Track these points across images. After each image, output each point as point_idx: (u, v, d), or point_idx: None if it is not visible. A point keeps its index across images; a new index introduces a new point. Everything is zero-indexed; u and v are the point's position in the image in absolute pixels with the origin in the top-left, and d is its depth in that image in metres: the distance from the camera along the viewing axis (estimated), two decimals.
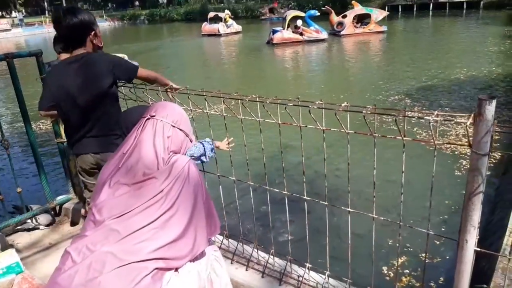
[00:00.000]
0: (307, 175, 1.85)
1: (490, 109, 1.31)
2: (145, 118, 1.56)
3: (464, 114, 1.39)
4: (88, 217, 1.38)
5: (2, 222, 2.77)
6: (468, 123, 1.32)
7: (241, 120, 1.98)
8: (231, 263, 2.31)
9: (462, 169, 4.91)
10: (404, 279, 3.13)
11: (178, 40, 26.45)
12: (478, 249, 1.50)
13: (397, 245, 1.78)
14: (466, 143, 1.41)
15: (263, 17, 36.78)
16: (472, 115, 1.35)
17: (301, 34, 19.36)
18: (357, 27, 20.50)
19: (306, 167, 1.87)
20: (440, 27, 23.76)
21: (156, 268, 1.29)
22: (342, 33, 20.10)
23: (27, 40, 34.85)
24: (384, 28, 20.69)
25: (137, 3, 55.75)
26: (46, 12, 54.58)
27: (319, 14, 20.10)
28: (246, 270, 2.25)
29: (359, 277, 2.12)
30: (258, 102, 1.85)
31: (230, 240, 2.46)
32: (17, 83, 2.71)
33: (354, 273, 1.96)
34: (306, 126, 1.77)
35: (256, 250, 2.32)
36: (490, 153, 1.38)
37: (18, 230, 2.93)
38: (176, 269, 1.38)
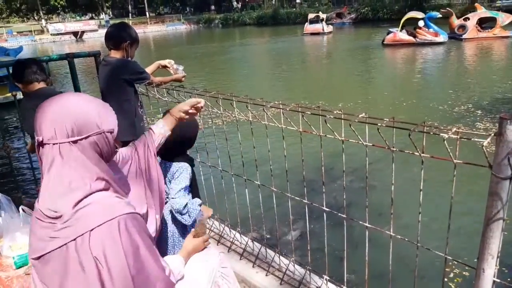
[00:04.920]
0: (347, 189, 1.81)
1: None
2: (36, 147, 1.09)
3: (485, 133, 1.29)
4: None
5: None
6: (485, 143, 1.22)
7: (266, 126, 2.00)
8: (253, 266, 2.34)
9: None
10: None
11: (281, 40, 27.49)
12: (498, 280, 1.38)
13: (415, 266, 1.68)
14: (487, 165, 1.31)
15: (330, 22, 36.38)
16: (492, 134, 1.25)
17: (414, 36, 18.65)
18: (480, 31, 19.03)
19: (348, 182, 1.85)
20: None
21: None
22: (464, 36, 18.82)
23: None
24: (510, 33, 18.88)
25: (213, 7, 57.85)
26: (130, 14, 58.69)
27: (440, 16, 19.11)
28: (266, 275, 2.26)
29: None
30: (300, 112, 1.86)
31: (254, 243, 2.49)
32: (76, 82, 2.97)
33: None
34: (325, 136, 1.75)
35: (278, 255, 2.32)
36: None
37: None
38: None
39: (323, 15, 29.32)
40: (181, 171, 1.85)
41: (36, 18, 56.70)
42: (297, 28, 34.32)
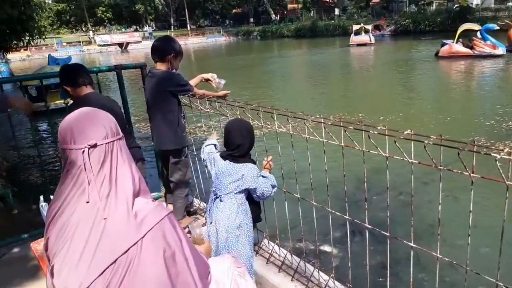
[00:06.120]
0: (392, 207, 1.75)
1: None
2: (82, 153, 1.09)
3: None
4: None
5: None
6: None
7: (306, 139, 1.99)
8: (291, 280, 2.32)
9: None
10: None
11: (320, 51, 27.77)
12: None
13: None
14: None
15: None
16: None
17: (471, 48, 17.90)
18: None
19: (391, 198, 1.82)
20: None
21: None
22: None
23: None
24: None
25: (251, 20, 58.64)
26: (172, 27, 60.58)
27: (498, 28, 18.23)
28: (291, 280, 2.27)
29: None
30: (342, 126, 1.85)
31: (293, 256, 2.47)
32: (123, 92, 3.09)
33: None
34: (369, 151, 1.72)
35: (317, 271, 2.29)
36: None
37: None
38: None
39: (368, 27, 29.31)
40: (253, 170, 2.22)
41: (84, 29, 59.71)
42: (336, 40, 34.12)
